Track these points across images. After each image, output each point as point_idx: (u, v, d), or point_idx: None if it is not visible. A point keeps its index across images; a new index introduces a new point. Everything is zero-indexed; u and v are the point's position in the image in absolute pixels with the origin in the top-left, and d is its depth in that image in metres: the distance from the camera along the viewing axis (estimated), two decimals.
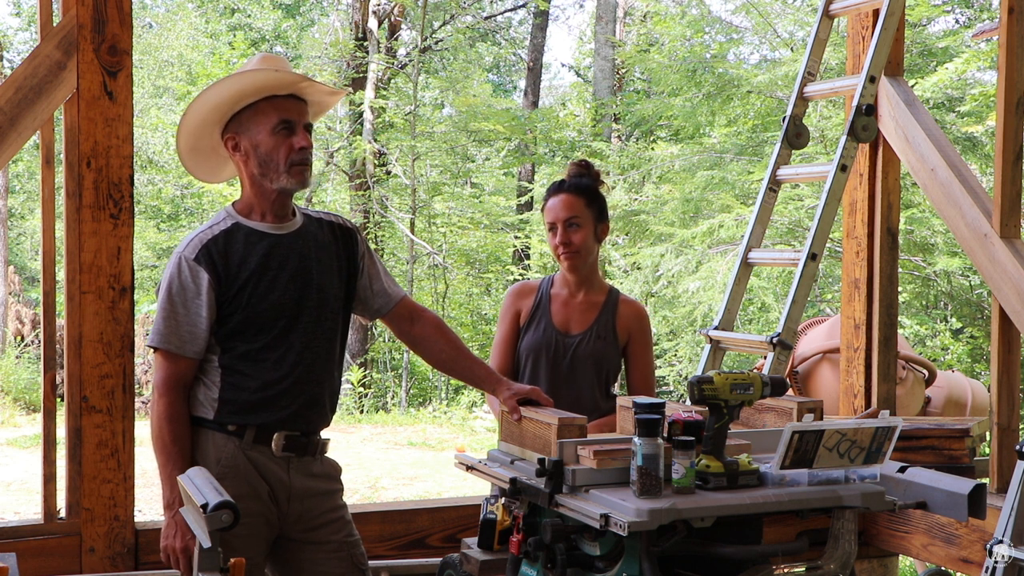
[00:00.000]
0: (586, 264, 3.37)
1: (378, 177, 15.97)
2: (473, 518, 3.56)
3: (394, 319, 2.93)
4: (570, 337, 3.35)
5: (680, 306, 11.23)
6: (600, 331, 3.36)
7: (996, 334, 3.87)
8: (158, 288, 2.75)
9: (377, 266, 2.92)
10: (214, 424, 2.70)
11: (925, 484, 2.61)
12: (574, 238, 3.31)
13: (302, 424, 2.74)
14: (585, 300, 3.39)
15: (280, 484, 2.72)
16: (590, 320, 3.37)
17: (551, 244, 3.38)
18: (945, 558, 3.90)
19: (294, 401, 2.71)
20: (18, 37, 23.70)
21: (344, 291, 2.83)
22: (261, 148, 2.70)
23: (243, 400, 2.68)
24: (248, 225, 2.73)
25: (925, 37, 11.85)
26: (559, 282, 3.42)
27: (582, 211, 3.32)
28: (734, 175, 11.37)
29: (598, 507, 2.26)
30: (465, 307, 16.91)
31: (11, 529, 3.43)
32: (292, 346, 2.70)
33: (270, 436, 2.70)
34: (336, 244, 2.82)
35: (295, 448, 2.73)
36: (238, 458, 2.69)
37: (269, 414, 2.69)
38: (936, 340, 11.09)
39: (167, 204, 19.78)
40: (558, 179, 3.43)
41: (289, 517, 2.75)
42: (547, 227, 3.37)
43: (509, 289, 3.49)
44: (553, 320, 3.36)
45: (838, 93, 4.69)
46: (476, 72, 20.91)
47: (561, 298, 3.39)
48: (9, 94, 3.35)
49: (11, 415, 12.18)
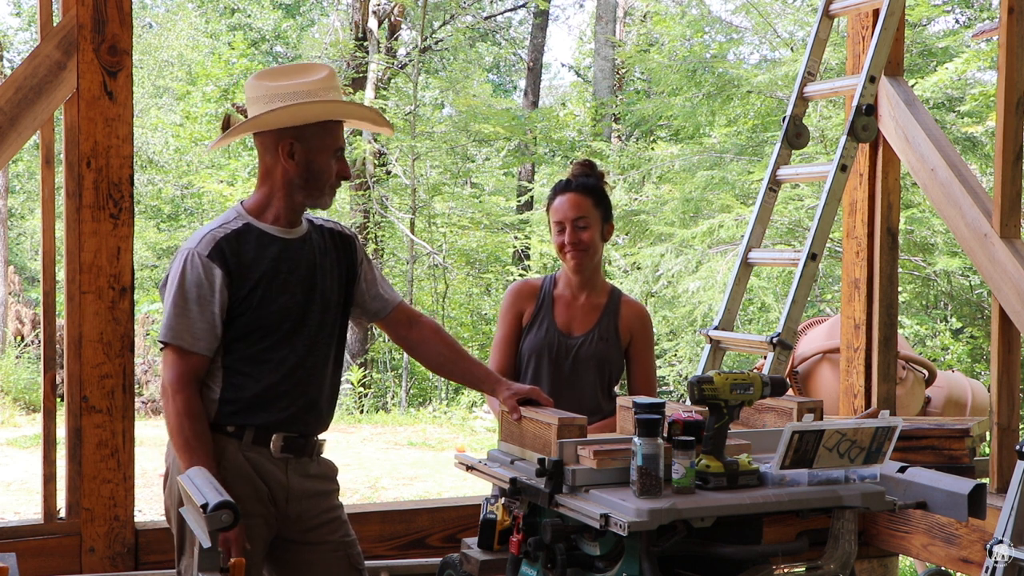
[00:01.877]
0: (591, 264, 3.36)
1: (378, 177, 15.97)
2: (473, 518, 3.56)
3: (391, 324, 2.96)
4: (573, 338, 3.34)
5: (680, 306, 11.23)
6: (603, 332, 3.36)
7: (996, 334, 3.88)
8: (161, 284, 2.74)
9: (374, 272, 2.95)
10: (213, 426, 2.69)
11: (925, 484, 2.61)
12: (583, 237, 3.30)
13: (300, 426, 2.74)
14: (588, 301, 3.38)
15: (278, 485, 2.73)
16: (593, 321, 3.36)
17: (556, 243, 3.36)
18: (945, 558, 3.90)
19: (293, 403, 2.72)
20: (18, 37, 23.71)
21: (343, 296, 2.86)
22: (315, 164, 2.72)
23: (244, 400, 2.69)
24: (259, 227, 2.73)
25: (925, 37, 11.85)
26: (562, 282, 3.41)
27: (590, 211, 3.31)
28: (734, 175, 11.37)
29: (598, 507, 2.26)
30: (465, 307, 16.91)
31: (11, 529, 3.43)
32: (295, 349, 2.72)
33: (269, 437, 2.70)
34: (336, 251, 2.86)
35: (293, 449, 2.73)
36: (238, 459, 2.69)
37: (268, 415, 2.69)
38: (936, 340, 11.09)
39: (167, 204, 19.78)
40: (563, 178, 3.41)
41: (288, 518, 2.75)
42: (553, 226, 3.35)
43: (510, 288, 3.47)
44: (556, 321, 3.35)
45: (838, 93, 4.69)
46: (476, 72, 20.91)
47: (564, 299, 3.38)
48: (9, 94, 3.35)
49: (11, 415, 12.17)
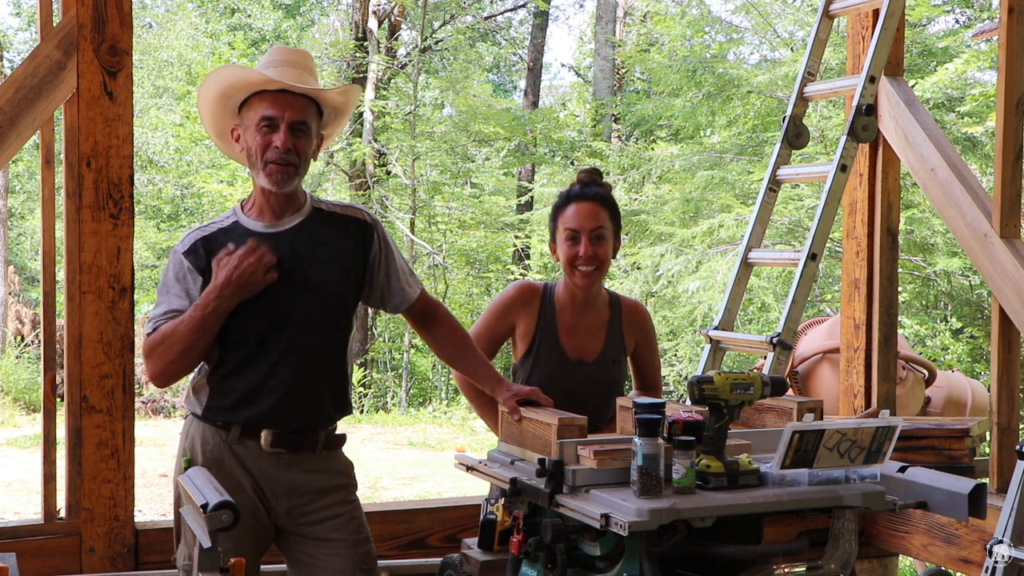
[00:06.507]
0: (600, 282, 3.16)
1: (378, 177, 15.96)
2: (473, 518, 3.56)
3: (410, 315, 2.94)
4: (584, 365, 3.14)
5: (680, 306, 11.23)
6: (613, 355, 3.18)
7: (996, 334, 3.88)
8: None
9: (396, 263, 2.86)
10: (203, 418, 2.72)
11: (925, 484, 2.61)
12: (599, 251, 3.06)
13: (290, 421, 2.71)
14: (593, 319, 3.17)
15: (267, 478, 2.71)
16: (601, 343, 3.17)
17: (566, 255, 3.07)
18: (945, 558, 3.90)
19: (275, 399, 2.68)
20: (18, 37, 23.69)
21: (351, 286, 2.79)
22: (248, 143, 2.68)
23: (227, 401, 2.69)
24: (244, 224, 2.72)
25: (925, 37, 11.85)
26: (563, 299, 3.16)
27: (607, 223, 3.08)
28: (734, 175, 11.38)
29: (598, 507, 2.26)
30: (465, 307, 16.89)
31: (11, 529, 3.43)
32: (277, 344, 2.67)
33: (257, 432, 2.69)
34: (343, 238, 2.77)
35: (285, 444, 2.70)
36: (223, 452, 2.69)
37: (249, 412, 2.68)
38: (936, 340, 11.08)
39: (167, 204, 19.76)
40: (572, 186, 3.14)
41: (278, 511, 2.74)
42: (562, 235, 3.08)
43: (513, 285, 3.22)
44: (564, 348, 3.14)
45: (838, 93, 4.69)
46: (476, 72, 20.88)
47: (567, 322, 3.15)
48: (9, 94, 3.35)
49: (11, 415, 12.17)
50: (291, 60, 2.71)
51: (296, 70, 2.69)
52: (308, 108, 2.70)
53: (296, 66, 2.70)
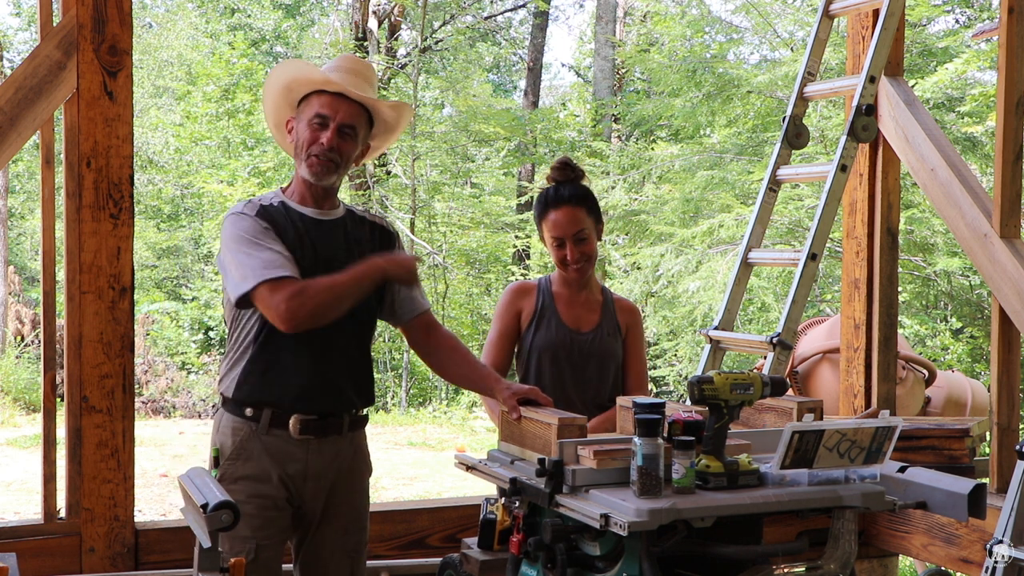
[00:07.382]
0: (592, 270, 3.39)
1: (378, 177, 15.97)
2: (473, 518, 3.56)
3: (410, 328, 2.98)
4: (583, 335, 3.35)
5: (680, 306, 11.23)
6: (608, 328, 3.38)
7: (996, 334, 3.88)
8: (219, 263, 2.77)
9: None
10: (232, 405, 2.77)
11: (925, 484, 2.61)
12: (585, 249, 3.30)
13: (317, 406, 2.78)
14: (588, 298, 3.40)
15: (296, 465, 2.77)
16: (597, 317, 3.38)
17: (556, 257, 3.33)
18: (945, 558, 3.90)
19: (307, 383, 2.75)
20: (18, 37, 23.70)
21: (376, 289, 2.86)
22: (299, 135, 2.82)
23: (258, 380, 2.74)
24: (291, 205, 2.83)
25: (925, 37, 11.85)
26: (558, 281, 3.41)
27: (586, 220, 3.29)
28: (734, 175, 11.38)
29: (598, 507, 2.26)
30: (465, 307, 16.89)
31: (11, 529, 3.43)
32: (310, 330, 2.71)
33: (286, 419, 2.75)
34: (372, 243, 2.90)
35: (313, 430, 2.77)
36: (252, 442, 2.75)
37: (281, 395, 2.74)
38: (936, 340, 11.08)
39: (167, 204, 19.77)
40: (548, 187, 3.35)
41: (304, 497, 2.80)
42: (549, 240, 3.31)
43: (509, 287, 3.48)
44: (563, 319, 3.36)
45: (838, 93, 4.69)
46: (476, 72, 20.89)
47: (565, 297, 3.38)
48: (9, 94, 3.35)
49: (11, 415, 12.18)
50: (354, 69, 2.87)
51: (356, 78, 2.85)
52: (360, 115, 2.85)
53: (357, 75, 2.85)
